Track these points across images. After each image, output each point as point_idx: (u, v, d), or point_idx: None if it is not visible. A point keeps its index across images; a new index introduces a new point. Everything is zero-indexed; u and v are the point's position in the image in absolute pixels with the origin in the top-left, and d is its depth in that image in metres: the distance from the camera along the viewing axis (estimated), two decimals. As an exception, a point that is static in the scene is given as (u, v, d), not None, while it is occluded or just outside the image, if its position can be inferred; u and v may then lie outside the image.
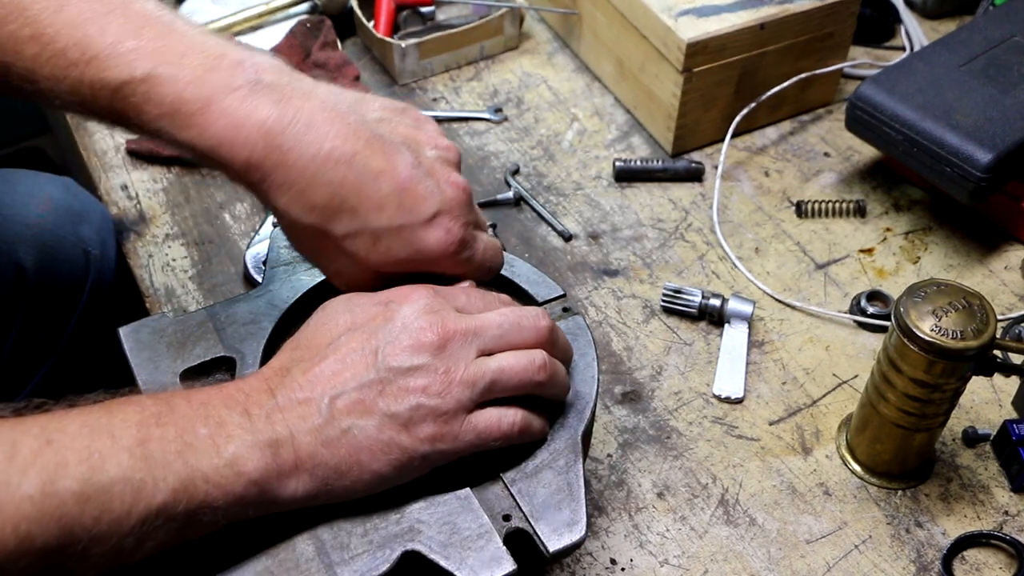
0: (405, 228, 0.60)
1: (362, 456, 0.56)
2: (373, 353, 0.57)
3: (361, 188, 0.59)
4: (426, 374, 0.57)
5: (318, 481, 0.56)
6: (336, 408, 0.56)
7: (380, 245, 0.61)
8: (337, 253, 0.62)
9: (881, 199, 1.01)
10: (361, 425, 0.56)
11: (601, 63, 1.12)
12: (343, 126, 0.58)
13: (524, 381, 0.59)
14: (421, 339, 0.57)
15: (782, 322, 0.89)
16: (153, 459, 0.51)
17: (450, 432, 0.57)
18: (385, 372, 0.56)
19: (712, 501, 0.76)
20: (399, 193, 0.60)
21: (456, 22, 1.16)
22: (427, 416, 0.56)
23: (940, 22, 1.23)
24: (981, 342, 0.66)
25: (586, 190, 1.02)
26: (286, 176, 0.57)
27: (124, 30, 0.57)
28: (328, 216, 0.59)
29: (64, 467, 0.48)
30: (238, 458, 0.53)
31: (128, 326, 0.69)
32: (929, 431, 0.74)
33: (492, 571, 0.57)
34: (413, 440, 0.56)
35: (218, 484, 0.53)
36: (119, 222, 0.97)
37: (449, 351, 0.58)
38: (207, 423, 0.54)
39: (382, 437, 0.56)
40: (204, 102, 0.56)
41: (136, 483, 0.50)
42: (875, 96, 0.93)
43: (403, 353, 0.57)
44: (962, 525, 0.75)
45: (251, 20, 1.14)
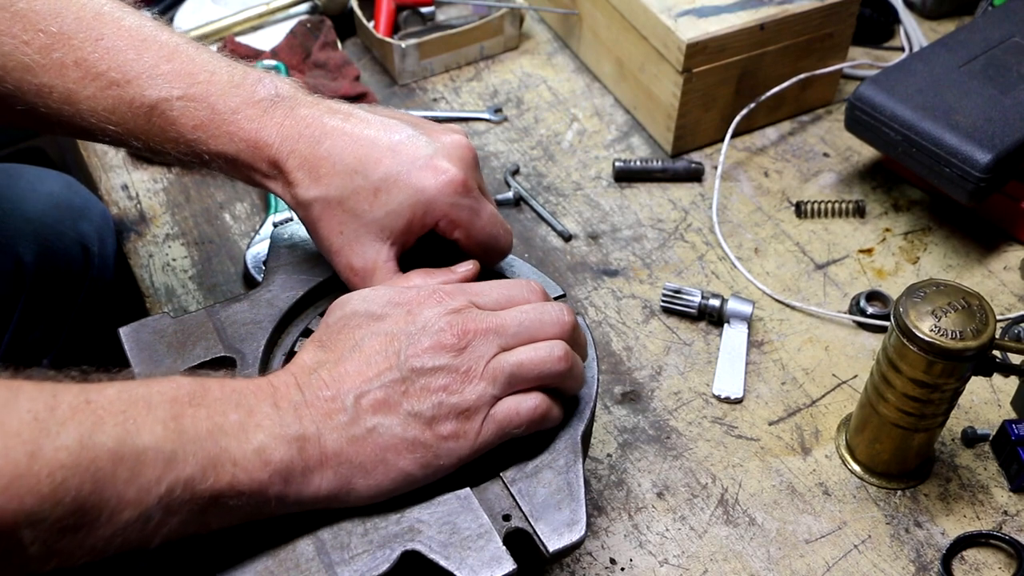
0: (402, 174, 0.64)
1: (388, 454, 0.57)
2: (395, 354, 0.58)
3: (358, 148, 0.64)
4: (447, 374, 0.58)
5: (342, 479, 0.56)
6: (361, 407, 0.57)
7: (380, 195, 0.64)
8: (342, 221, 0.65)
9: (880, 199, 1.01)
10: (386, 424, 0.57)
11: (601, 63, 1.12)
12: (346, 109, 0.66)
13: (544, 372, 0.60)
14: (442, 340, 0.58)
15: (781, 322, 0.90)
16: (185, 434, 0.52)
17: (472, 428, 0.58)
18: (408, 372, 0.57)
19: (712, 501, 0.76)
20: (394, 147, 0.64)
21: (456, 22, 1.16)
22: (449, 413, 0.57)
23: (939, 22, 1.23)
24: (980, 342, 0.66)
25: (586, 190, 1.02)
26: (295, 162, 0.64)
27: (158, 56, 0.65)
28: (331, 182, 0.64)
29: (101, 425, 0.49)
30: (265, 447, 0.54)
31: (128, 326, 0.69)
32: (928, 431, 0.74)
33: (492, 571, 0.57)
34: (437, 437, 0.57)
35: (245, 468, 0.53)
36: (120, 222, 0.97)
37: (469, 351, 0.59)
38: (238, 409, 0.55)
39: (407, 435, 0.57)
40: (232, 112, 0.64)
41: (167, 453, 0.50)
42: (874, 96, 0.93)
43: (424, 354, 0.58)
44: (961, 525, 0.75)
45: (251, 20, 1.14)
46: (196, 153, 0.66)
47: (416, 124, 0.67)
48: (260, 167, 0.65)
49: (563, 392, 0.63)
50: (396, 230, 0.65)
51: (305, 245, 0.75)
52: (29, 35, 0.64)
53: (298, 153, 0.64)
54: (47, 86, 0.64)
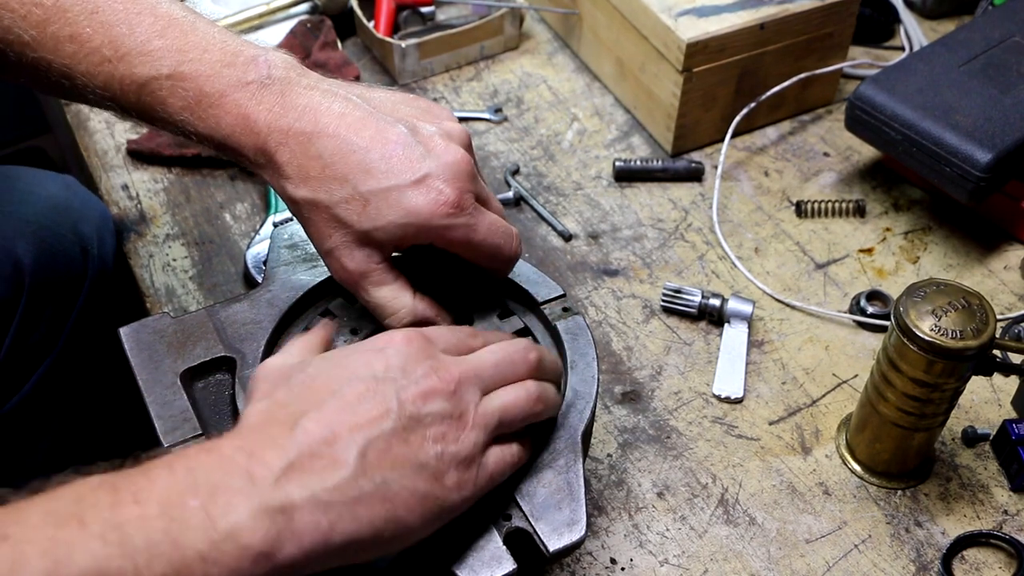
0: (393, 190, 0.61)
1: (399, 512, 0.52)
2: (386, 400, 0.54)
3: (350, 155, 0.61)
4: (443, 421, 0.55)
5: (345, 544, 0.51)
6: (368, 461, 0.52)
7: (370, 208, 0.61)
8: (331, 226, 0.63)
9: (881, 199, 1.01)
10: (395, 478, 0.52)
11: (601, 63, 1.12)
12: (341, 105, 0.63)
13: (526, 414, 0.60)
14: (432, 386, 0.56)
15: (782, 322, 0.90)
16: (132, 544, 0.45)
17: (471, 478, 0.56)
18: (406, 420, 0.54)
19: (712, 501, 0.76)
20: (387, 159, 0.62)
21: (456, 22, 1.16)
22: (451, 464, 0.55)
23: (939, 22, 1.23)
24: (980, 342, 0.66)
25: (586, 190, 1.02)
26: (286, 156, 0.62)
27: (152, 30, 0.63)
28: (320, 186, 0.62)
29: (23, 564, 0.43)
30: (240, 529, 0.47)
31: (128, 326, 0.69)
32: (929, 431, 0.74)
33: (492, 571, 0.57)
34: (444, 490, 0.54)
35: (218, 562, 0.46)
36: (120, 222, 0.97)
37: (459, 396, 0.56)
38: (197, 493, 0.48)
39: (418, 489, 0.53)
40: (219, 95, 0.62)
41: (113, 573, 0.44)
42: (875, 96, 0.93)
43: (418, 400, 0.55)
44: (961, 525, 0.75)
45: (251, 20, 1.14)
46: (186, 133, 0.64)
47: (415, 127, 0.64)
48: (247, 154, 0.63)
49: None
50: (386, 242, 0.63)
51: (305, 245, 0.75)
52: (25, 9, 0.62)
53: (288, 147, 0.62)
54: (45, 60, 0.63)
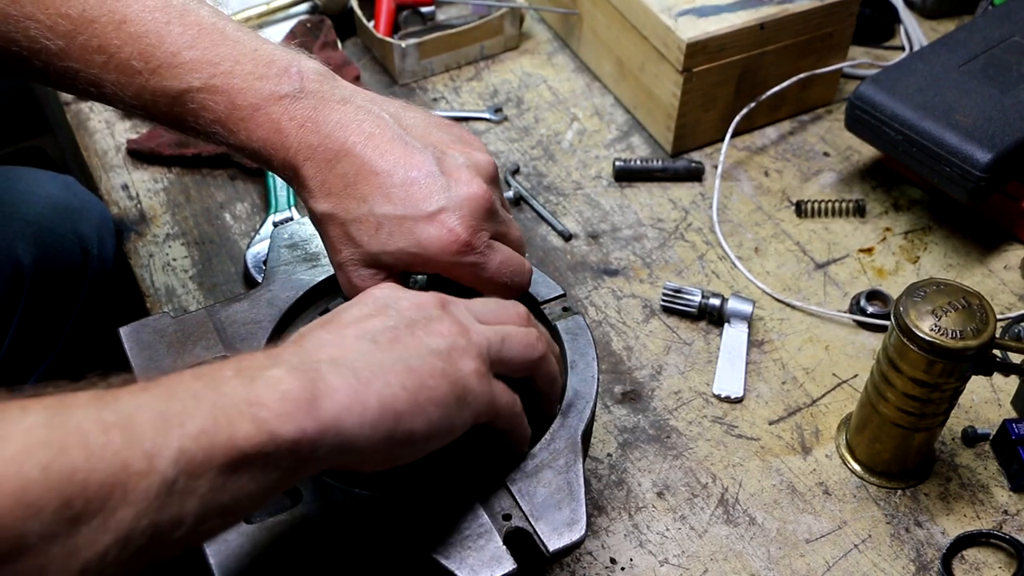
0: (407, 219, 0.62)
1: (427, 380, 0.52)
2: (385, 308, 0.56)
3: (372, 177, 0.62)
4: (443, 321, 0.56)
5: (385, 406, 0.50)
6: (379, 343, 0.53)
7: (382, 232, 0.62)
8: (344, 241, 0.63)
9: (881, 199, 1.01)
10: (412, 355, 0.53)
11: (601, 63, 1.12)
12: (371, 124, 0.63)
13: (529, 347, 0.60)
14: (423, 301, 0.57)
15: (782, 322, 0.90)
16: (175, 393, 0.45)
17: (486, 372, 0.56)
18: (406, 320, 0.55)
19: (712, 500, 0.76)
20: (407, 185, 0.62)
21: (456, 22, 1.16)
22: (465, 352, 0.55)
23: (940, 22, 1.23)
24: (981, 342, 0.66)
25: (586, 190, 1.02)
26: (311, 171, 0.62)
27: (181, 40, 0.62)
28: (339, 202, 0.62)
29: (72, 402, 0.43)
30: (279, 379, 0.47)
31: (128, 326, 0.69)
32: (929, 431, 0.74)
33: (492, 571, 0.57)
34: (462, 372, 0.54)
35: (264, 405, 0.46)
36: (120, 222, 0.97)
37: (452, 312, 0.57)
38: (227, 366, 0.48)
39: (437, 365, 0.53)
40: (252, 109, 0.62)
41: (161, 412, 0.43)
42: (875, 96, 0.93)
43: (412, 308, 0.56)
44: (961, 524, 0.75)
45: (251, 20, 1.14)
46: (219, 143, 0.64)
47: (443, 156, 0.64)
48: (276, 166, 0.64)
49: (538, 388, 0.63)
50: (393, 266, 0.64)
51: (305, 245, 0.75)
52: (52, 20, 0.62)
53: (314, 163, 0.62)
54: (72, 70, 0.63)
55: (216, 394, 0.46)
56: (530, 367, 0.60)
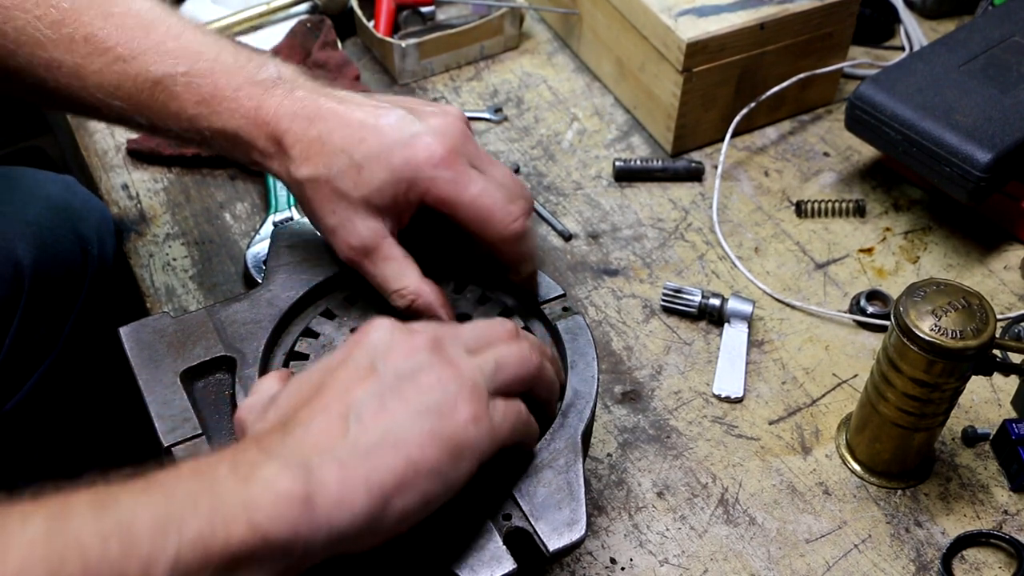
0: (384, 151, 0.64)
1: (412, 453, 0.51)
2: (370, 370, 0.54)
3: (346, 129, 0.64)
4: (433, 369, 0.54)
5: (373, 494, 0.50)
6: (364, 420, 0.52)
7: (364, 173, 0.64)
8: (332, 200, 0.65)
9: (881, 199, 1.01)
10: (396, 424, 0.52)
11: (601, 63, 1.12)
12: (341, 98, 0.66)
13: (524, 364, 0.59)
14: (413, 345, 0.55)
15: (782, 322, 0.90)
16: (173, 496, 0.46)
17: (484, 413, 0.54)
18: (392, 379, 0.54)
19: (712, 500, 0.76)
20: (380, 127, 0.64)
21: (456, 22, 1.16)
22: (458, 398, 0.54)
23: (940, 22, 1.23)
24: (981, 342, 0.66)
25: (586, 190, 1.02)
26: (291, 139, 0.65)
27: (166, 35, 0.66)
28: (320, 161, 0.64)
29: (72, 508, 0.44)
30: (274, 479, 0.48)
31: (128, 326, 0.69)
32: (929, 431, 0.74)
33: (492, 570, 0.57)
34: (456, 424, 0.53)
35: (259, 507, 0.46)
36: (120, 222, 0.97)
37: (443, 350, 0.56)
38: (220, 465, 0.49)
39: (424, 427, 0.52)
40: (234, 90, 0.65)
41: (159, 517, 0.44)
42: (875, 96, 0.93)
43: (400, 359, 0.54)
44: (961, 524, 0.75)
45: (251, 20, 1.14)
46: (197, 129, 0.66)
47: (410, 107, 0.67)
48: (259, 143, 0.66)
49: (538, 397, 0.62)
50: (383, 207, 0.65)
51: (305, 245, 0.75)
52: (41, 10, 0.65)
53: (293, 132, 0.65)
54: (56, 60, 0.66)
55: (212, 496, 0.46)
56: (528, 382, 0.60)
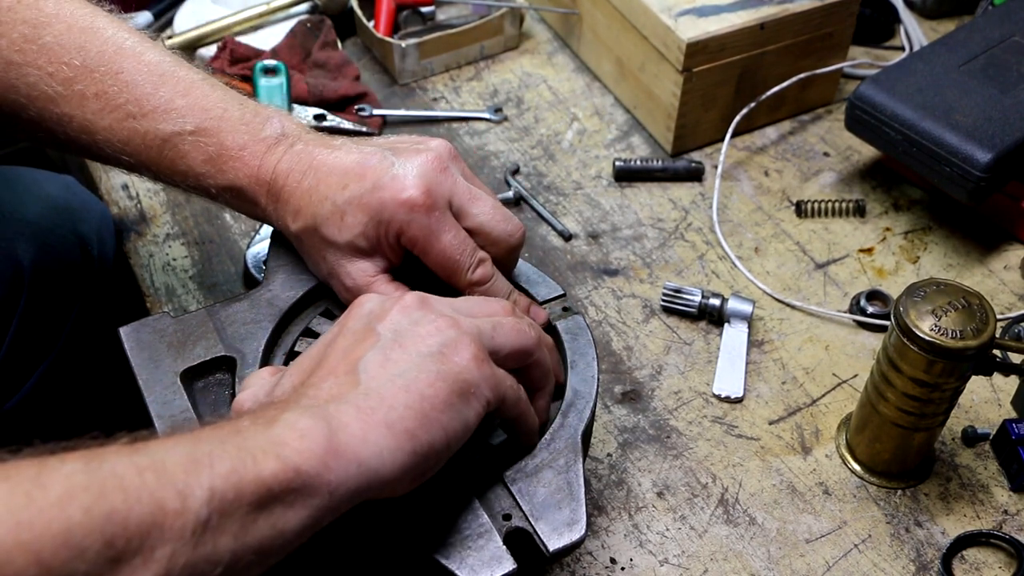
0: (363, 196, 0.65)
1: (424, 390, 0.53)
2: (368, 330, 0.56)
3: (331, 176, 0.66)
4: (430, 321, 0.56)
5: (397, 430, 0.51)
6: (371, 371, 0.53)
7: (347, 218, 0.65)
8: (323, 248, 0.67)
9: (881, 199, 1.01)
10: (403, 370, 0.53)
11: (601, 63, 1.12)
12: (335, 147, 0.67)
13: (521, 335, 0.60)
14: (404, 304, 0.58)
15: (782, 322, 0.90)
16: (201, 439, 0.47)
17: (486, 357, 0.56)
18: (391, 334, 0.55)
19: (712, 500, 0.76)
20: (361, 173, 0.65)
21: (456, 22, 1.16)
22: (458, 342, 0.55)
23: (940, 22, 1.23)
24: (981, 341, 0.66)
25: (586, 190, 1.02)
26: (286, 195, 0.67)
27: (174, 91, 0.67)
28: (310, 211, 0.66)
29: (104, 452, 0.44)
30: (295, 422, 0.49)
31: (128, 326, 0.69)
32: (929, 430, 0.74)
33: (492, 570, 0.57)
34: (460, 364, 0.54)
35: (287, 444, 0.48)
36: (120, 222, 0.97)
37: (434, 308, 0.58)
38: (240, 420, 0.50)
39: (431, 369, 0.54)
40: (239, 148, 0.67)
41: (192, 454, 0.45)
42: (875, 96, 0.93)
43: (396, 316, 0.57)
44: (961, 524, 0.75)
45: (251, 20, 1.14)
46: (204, 187, 0.68)
47: (395, 146, 0.68)
48: (261, 200, 0.68)
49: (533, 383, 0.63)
50: (369, 249, 0.66)
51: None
52: (54, 67, 0.66)
53: (288, 187, 0.66)
54: (67, 115, 0.67)
55: (239, 438, 0.48)
56: (524, 355, 0.61)
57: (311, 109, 1.05)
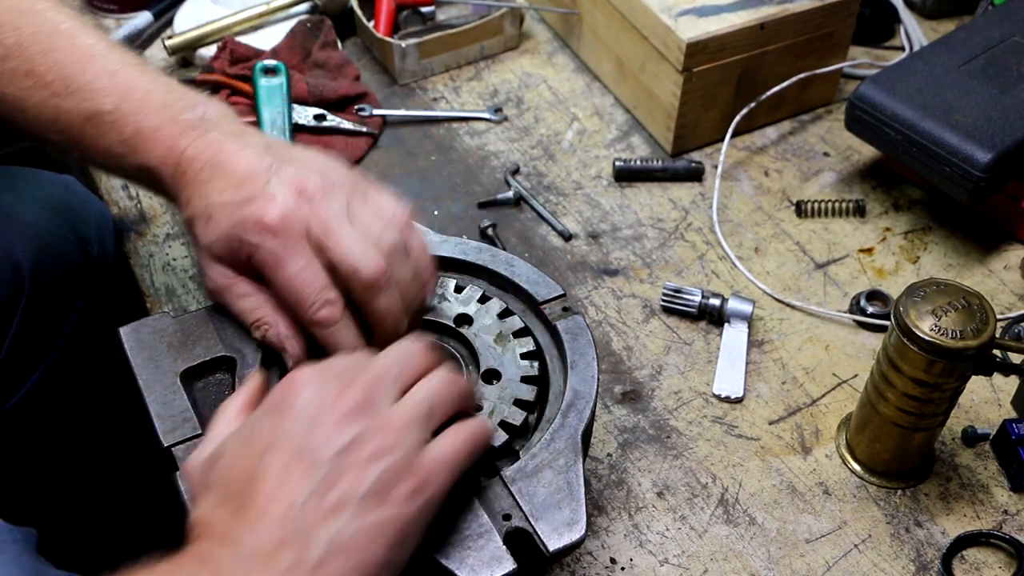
0: (229, 204, 0.64)
1: (360, 556, 0.51)
2: (302, 454, 0.53)
3: (218, 175, 0.65)
4: (368, 439, 0.53)
5: None
6: (305, 527, 0.51)
7: (211, 222, 0.64)
8: (195, 243, 0.67)
9: (881, 199, 1.01)
10: (340, 526, 0.51)
11: (601, 63, 1.12)
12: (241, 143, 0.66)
13: (455, 395, 0.58)
14: (340, 411, 0.54)
15: (782, 322, 0.90)
16: None
17: (424, 479, 0.54)
18: (328, 462, 0.52)
19: (712, 500, 0.76)
20: (243, 178, 0.64)
21: (456, 22, 1.16)
22: (396, 476, 0.53)
23: (940, 22, 1.23)
24: (980, 342, 0.66)
25: (586, 190, 1.02)
26: (183, 181, 0.66)
27: (102, 72, 0.68)
28: (193, 202, 0.65)
29: None
30: None
31: (128, 326, 0.69)
32: (929, 430, 0.74)
33: (492, 570, 0.57)
34: (398, 506, 0.53)
35: None
36: (120, 222, 0.97)
37: (373, 407, 0.55)
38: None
39: (366, 523, 0.52)
40: (154, 130, 0.67)
41: None
42: (875, 96, 0.93)
43: (333, 434, 0.53)
44: (961, 524, 0.75)
45: (251, 20, 1.14)
46: (121, 167, 0.69)
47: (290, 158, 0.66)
48: (167, 182, 0.67)
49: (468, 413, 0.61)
50: (224, 258, 0.65)
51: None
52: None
53: (189, 175, 0.66)
54: (2, 93, 0.69)
55: None
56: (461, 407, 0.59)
57: (311, 109, 1.05)
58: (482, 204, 0.99)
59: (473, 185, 1.02)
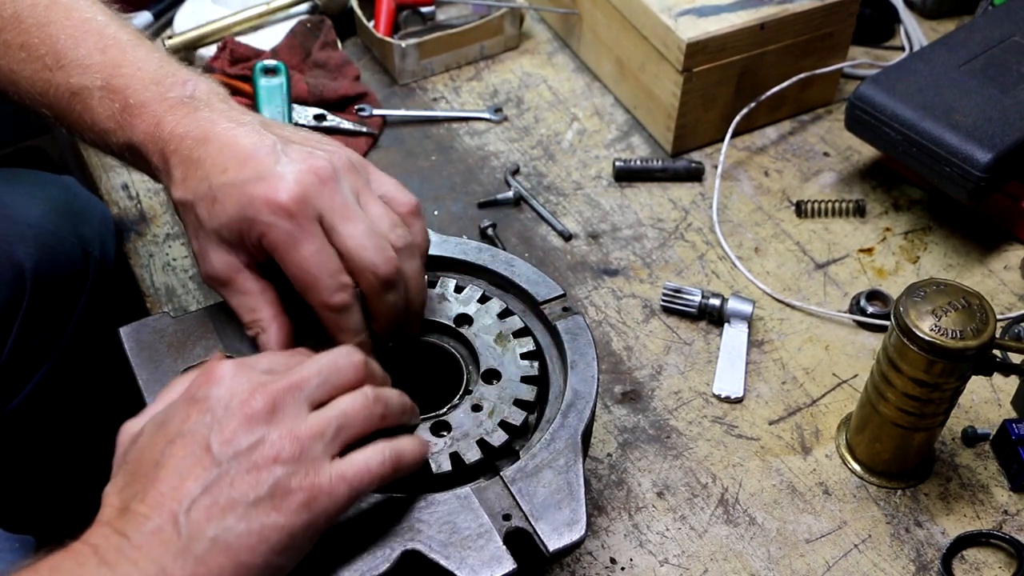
0: (237, 184, 0.62)
1: (242, 556, 0.51)
2: (205, 449, 0.53)
3: (218, 155, 0.63)
4: (270, 444, 0.53)
5: None
6: (194, 521, 0.51)
7: (216, 205, 0.62)
8: (195, 227, 0.65)
9: (881, 199, 1.01)
10: (228, 525, 0.51)
11: (601, 63, 1.12)
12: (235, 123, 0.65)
13: (367, 418, 0.57)
14: (248, 411, 0.54)
15: (782, 322, 0.90)
16: None
17: (321, 489, 0.53)
18: (228, 462, 0.52)
19: (712, 500, 0.76)
20: (248, 158, 0.63)
21: (456, 22, 1.16)
22: (291, 485, 0.53)
23: (940, 22, 1.23)
24: (980, 342, 0.66)
25: (586, 190, 1.02)
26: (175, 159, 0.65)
27: (94, 47, 0.68)
28: (190, 185, 0.64)
29: None
30: None
31: (129, 326, 0.69)
32: (929, 430, 0.74)
33: (492, 570, 0.57)
34: (288, 514, 0.52)
35: None
36: (120, 222, 0.97)
37: (281, 413, 0.55)
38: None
39: (254, 527, 0.52)
40: (141, 106, 0.66)
41: None
42: (875, 96, 0.93)
43: (238, 433, 0.53)
44: (961, 524, 0.75)
45: (251, 20, 1.14)
46: (107, 143, 0.68)
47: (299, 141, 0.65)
48: (153, 160, 0.66)
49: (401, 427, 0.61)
50: (233, 242, 0.63)
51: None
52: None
53: (179, 152, 0.64)
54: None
55: None
56: (372, 429, 0.58)
57: (311, 109, 1.05)
58: (482, 204, 0.99)
59: (473, 185, 1.02)
